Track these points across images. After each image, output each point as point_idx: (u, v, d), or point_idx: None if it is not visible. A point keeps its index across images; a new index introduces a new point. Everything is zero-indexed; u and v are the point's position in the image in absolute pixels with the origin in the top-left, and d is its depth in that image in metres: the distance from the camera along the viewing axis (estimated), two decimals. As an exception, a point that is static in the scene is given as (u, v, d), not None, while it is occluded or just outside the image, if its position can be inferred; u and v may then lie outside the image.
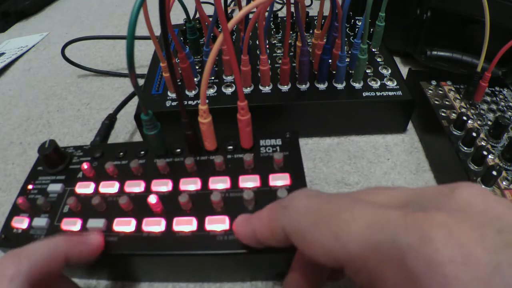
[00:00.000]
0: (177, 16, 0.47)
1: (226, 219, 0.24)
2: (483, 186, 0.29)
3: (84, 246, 0.23)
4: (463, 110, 0.36)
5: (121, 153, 0.30)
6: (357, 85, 0.37)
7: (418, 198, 0.15)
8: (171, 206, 0.26)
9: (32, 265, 0.20)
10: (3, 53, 0.62)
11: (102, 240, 0.24)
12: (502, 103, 0.37)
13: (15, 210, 0.27)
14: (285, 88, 0.38)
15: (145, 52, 0.57)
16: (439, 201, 0.14)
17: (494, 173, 0.28)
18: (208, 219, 0.24)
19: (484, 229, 0.12)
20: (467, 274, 0.11)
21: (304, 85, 0.38)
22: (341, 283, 0.27)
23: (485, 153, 0.29)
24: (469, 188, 0.14)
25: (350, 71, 0.39)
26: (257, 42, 0.44)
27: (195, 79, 0.39)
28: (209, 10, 0.59)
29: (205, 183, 0.27)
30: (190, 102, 0.36)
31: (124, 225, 0.25)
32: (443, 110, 0.36)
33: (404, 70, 0.43)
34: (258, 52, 0.42)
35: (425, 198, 0.15)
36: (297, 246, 0.17)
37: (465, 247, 0.12)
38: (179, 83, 0.38)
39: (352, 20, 0.47)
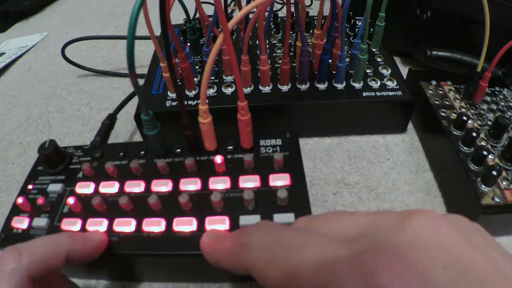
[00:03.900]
0: (177, 16, 0.47)
1: (226, 219, 0.24)
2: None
3: (88, 243, 0.23)
4: (463, 110, 0.36)
5: (121, 153, 0.30)
6: (357, 85, 0.37)
7: (372, 229, 0.16)
8: (171, 206, 0.26)
9: (32, 260, 0.19)
10: (3, 53, 0.62)
11: (106, 238, 0.24)
12: (502, 103, 0.37)
13: (15, 210, 0.27)
14: (285, 88, 0.37)
15: (145, 52, 0.57)
16: (389, 234, 0.15)
17: (494, 173, 0.28)
18: (208, 219, 0.24)
19: (429, 267, 0.12)
20: None
21: (304, 85, 0.38)
22: None
23: (485, 153, 0.29)
24: (419, 218, 0.15)
25: (350, 71, 0.39)
26: (257, 42, 0.44)
27: (195, 79, 0.39)
28: (209, 10, 0.59)
29: (205, 183, 0.27)
30: (190, 102, 0.36)
31: (124, 225, 0.25)
32: (443, 110, 0.36)
33: (404, 70, 0.43)
34: (258, 52, 0.42)
35: (378, 229, 0.15)
36: (258, 281, 0.17)
37: None
38: (179, 83, 0.38)
39: (352, 20, 0.47)
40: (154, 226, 0.25)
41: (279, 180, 0.26)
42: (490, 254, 0.13)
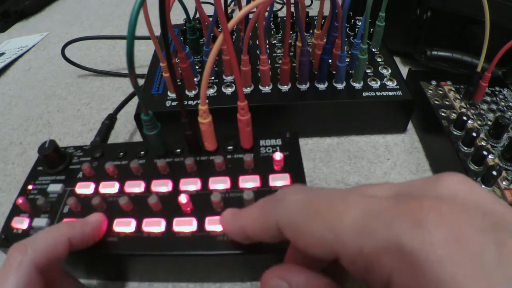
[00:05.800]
0: (177, 16, 0.47)
1: (226, 219, 0.24)
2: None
3: (87, 226, 0.23)
4: (463, 110, 0.36)
5: (121, 153, 0.30)
6: (357, 85, 0.37)
7: (406, 190, 0.16)
8: (171, 206, 0.26)
9: (37, 251, 0.20)
10: (3, 53, 0.62)
11: (104, 218, 0.25)
12: (502, 103, 0.37)
13: (15, 211, 0.27)
14: (285, 88, 0.37)
15: (145, 52, 0.57)
16: (427, 191, 0.15)
17: (494, 173, 0.28)
18: (208, 219, 0.24)
19: (471, 212, 0.13)
20: (459, 252, 0.12)
21: (304, 85, 0.38)
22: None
23: (485, 153, 0.29)
24: (453, 177, 0.15)
25: (350, 71, 0.39)
26: (257, 42, 0.44)
27: (195, 79, 0.39)
28: (209, 10, 0.59)
29: (205, 183, 0.27)
30: (190, 102, 0.36)
31: (124, 226, 0.25)
32: (443, 110, 0.36)
33: (404, 70, 0.43)
34: (258, 52, 0.42)
35: (413, 189, 0.16)
36: (291, 239, 0.17)
37: (456, 228, 0.12)
38: (179, 83, 0.38)
39: (352, 20, 0.47)
40: (154, 226, 0.25)
41: (279, 180, 0.26)
42: None
